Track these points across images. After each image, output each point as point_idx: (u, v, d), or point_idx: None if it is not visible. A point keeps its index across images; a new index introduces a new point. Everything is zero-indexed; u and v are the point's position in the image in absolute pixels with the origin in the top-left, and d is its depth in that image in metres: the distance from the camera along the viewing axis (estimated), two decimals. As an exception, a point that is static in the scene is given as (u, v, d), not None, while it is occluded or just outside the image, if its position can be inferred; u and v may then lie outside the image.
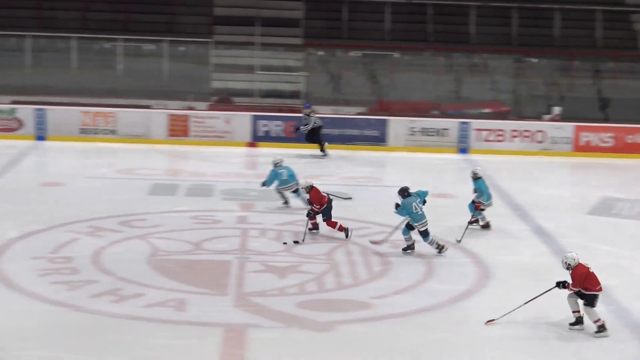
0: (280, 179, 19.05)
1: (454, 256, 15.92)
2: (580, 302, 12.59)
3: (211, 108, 29.14)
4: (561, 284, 12.61)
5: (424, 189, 16.23)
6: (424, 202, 15.99)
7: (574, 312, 12.69)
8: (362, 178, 23.16)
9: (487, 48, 31.85)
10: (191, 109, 28.74)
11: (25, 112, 27.08)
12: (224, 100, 30.12)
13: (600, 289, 12.55)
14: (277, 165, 19.18)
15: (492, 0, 32.95)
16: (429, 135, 27.55)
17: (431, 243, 15.87)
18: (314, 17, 33.18)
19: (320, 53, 32.89)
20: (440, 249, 15.93)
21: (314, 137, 25.84)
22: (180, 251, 15.68)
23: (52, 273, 14.34)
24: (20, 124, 26.92)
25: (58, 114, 27.14)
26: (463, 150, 27.30)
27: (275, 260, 15.37)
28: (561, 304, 12.74)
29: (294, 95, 30.90)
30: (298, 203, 18.80)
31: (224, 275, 14.56)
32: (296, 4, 33.42)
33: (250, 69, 31.14)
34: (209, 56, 31.14)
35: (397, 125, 27.61)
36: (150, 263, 15.03)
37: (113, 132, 27.09)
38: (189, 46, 31.44)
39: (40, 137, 26.90)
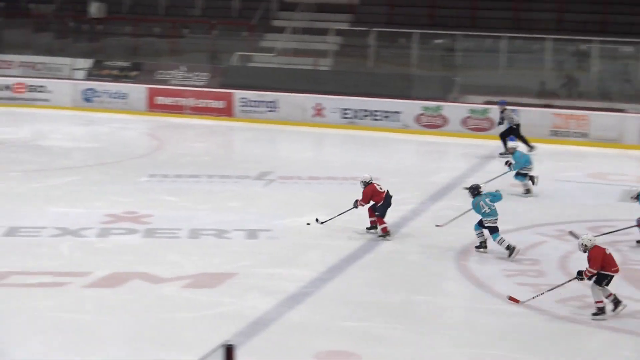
0: (527, 160, 19.54)
1: None
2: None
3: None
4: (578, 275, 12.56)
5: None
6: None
7: (596, 302, 12.43)
8: None
9: None
10: (669, 114, 27.63)
11: (498, 113, 27.41)
12: None
13: (617, 270, 12.49)
14: (516, 149, 19.83)
15: None
16: None
17: (500, 242, 14.93)
18: None
19: None
20: (510, 251, 14.91)
21: (511, 135, 24.37)
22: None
23: (518, 274, 14.43)
24: (492, 124, 27.31)
25: (529, 115, 27.24)
26: None
27: None
28: None
29: None
30: None
31: (698, 290, 13.83)
32: None
33: None
34: (694, 59, 29.79)
35: None
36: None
37: (584, 135, 26.75)
38: (671, 48, 30.23)
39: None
